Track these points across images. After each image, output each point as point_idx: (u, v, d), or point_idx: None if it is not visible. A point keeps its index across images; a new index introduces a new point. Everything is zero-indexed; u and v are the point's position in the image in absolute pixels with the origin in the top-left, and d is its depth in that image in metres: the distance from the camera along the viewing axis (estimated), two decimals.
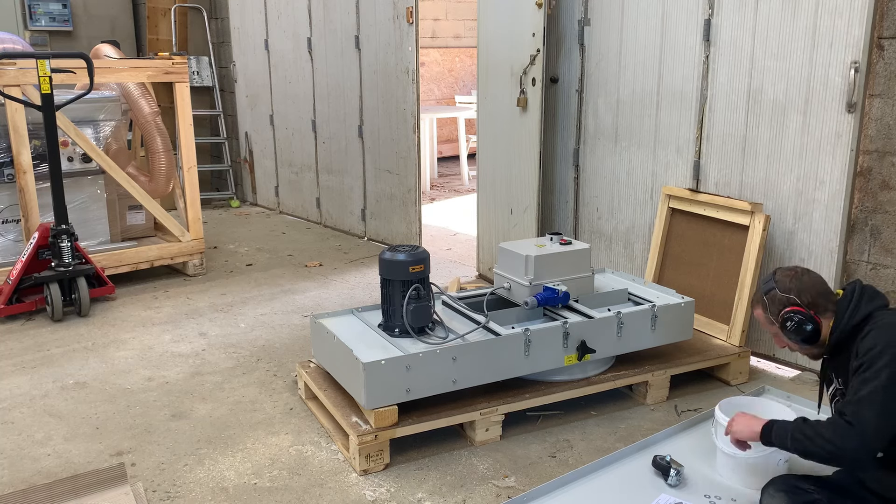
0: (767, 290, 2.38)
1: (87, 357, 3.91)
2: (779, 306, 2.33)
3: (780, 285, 2.34)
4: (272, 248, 6.09)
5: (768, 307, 2.36)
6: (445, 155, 10.28)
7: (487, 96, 4.82)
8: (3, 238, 4.80)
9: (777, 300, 2.34)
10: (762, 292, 2.39)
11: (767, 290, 2.38)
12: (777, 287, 2.34)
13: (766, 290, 2.38)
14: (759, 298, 2.41)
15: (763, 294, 2.39)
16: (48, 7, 7.34)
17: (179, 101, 5.13)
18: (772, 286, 2.37)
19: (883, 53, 3.21)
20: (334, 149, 6.48)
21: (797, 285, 2.33)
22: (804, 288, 2.32)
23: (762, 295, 2.39)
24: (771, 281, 2.38)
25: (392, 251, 3.06)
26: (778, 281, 2.36)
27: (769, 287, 2.38)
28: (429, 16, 10.40)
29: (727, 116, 3.77)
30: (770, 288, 2.37)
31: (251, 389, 3.54)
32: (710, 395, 3.42)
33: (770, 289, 2.37)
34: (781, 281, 2.35)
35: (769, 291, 2.37)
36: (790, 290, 2.33)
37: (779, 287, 2.34)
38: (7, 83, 4.40)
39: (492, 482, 2.77)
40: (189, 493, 2.72)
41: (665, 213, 4.03)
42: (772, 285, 2.37)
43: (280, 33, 6.87)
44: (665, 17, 3.96)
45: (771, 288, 2.36)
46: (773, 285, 2.36)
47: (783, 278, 2.35)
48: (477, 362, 2.98)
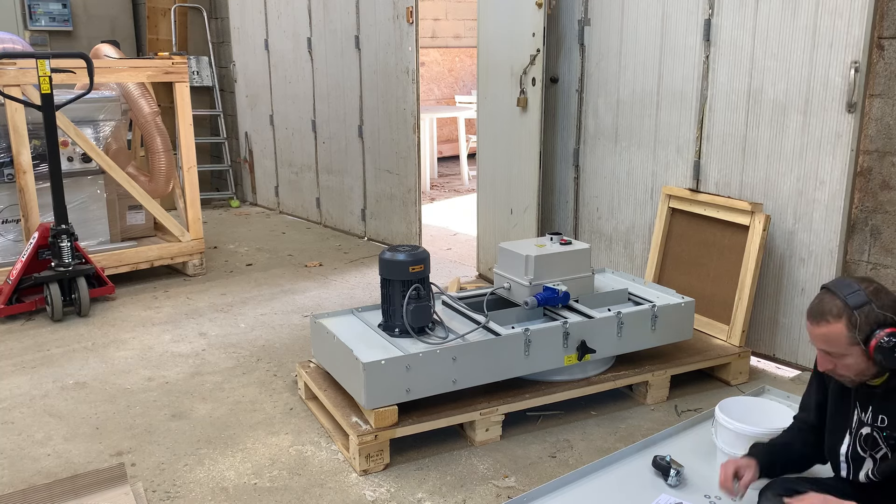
0: (860, 303, 2.02)
1: (87, 357, 3.91)
2: (874, 325, 2.00)
3: (880, 301, 2.02)
4: (272, 248, 6.09)
5: (859, 325, 2.01)
6: (445, 155, 10.28)
7: (487, 96, 4.82)
8: (3, 238, 4.80)
9: (873, 318, 2.00)
10: (852, 305, 2.03)
11: (860, 304, 2.02)
12: (874, 303, 2.02)
13: (859, 303, 2.03)
14: (843, 312, 2.04)
15: (854, 308, 2.03)
16: (48, 7, 7.34)
17: (179, 101, 5.13)
18: (866, 300, 2.02)
19: (883, 53, 3.21)
20: (334, 149, 6.49)
21: (891, 302, 2.04)
22: None
23: (851, 309, 2.03)
24: (861, 293, 2.04)
25: (392, 251, 3.06)
26: (872, 295, 2.03)
27: (863, 300, 2.03)
28: (429, 16, 10.40)
29: (727, 116, 3.77)
30: (864, 302, 2.02)
31: (251, 389, 3.54)
32: (710, 395, 3.42)
33: (864, 303, 2.02)
34: (878, 296, 2.03)
35: (863, 306, 2.02)
36: (889, 308, 2.02)
37: (877, 303, 2.02)
38: (7, 83, 4.40)
39: (492, 482, 2.77)
40: (189, 493, 2.72)
41: (665, 213, 4.03)
42: (866, 298, 2.03)
43: (280, 33, 6.87)
44: (665, 17, 3.97)
45: (865, 302, 2.02)
46: (866, 298, 2.02)
47: (878, 294, 2.04)
48: (477, 362, 2.98)
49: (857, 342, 2.01)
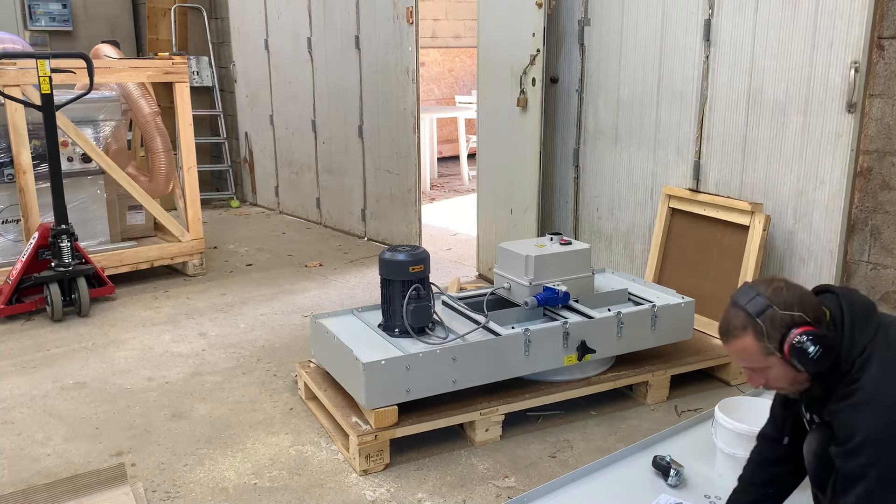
0: (760, 309, 1.81)
1: (87, 357, 3.91)
2: (782, 329, 1.80)
3: (778, 300, 1.81)
4: (272, 248, 6.09)
5: (766, 333, 1.81)
6: (445, 155, 10.27)
7: (487, 96, 4.82)
8: (3, 238, 4.80)
9: (779, 321, 1.80)
10: (753, 314, 1.82)
11: (761, 310, 1.81)
12: (773, 304, 1.80)
13: (759, 309, 1.81)
14: (747, 323, 1.83)
15: (754, 316, 1.81)
16: (48, 7, 7.34)
17: (179, 101, 5.13)
18: (766, 304, 1.81)
19: (883, 53, 3.21)
20: (334, 149, 6.49)
21: (797, 297, 1.81)
22: (805, 300, 1.82)
23: (752, 318, 1.82)
24: (759, 297, 1.82)
25: (392, 251, 3.06)
26: (772, 296, 1.82)
27: (762, 306, 1.81)
28: (429, 16, 10.40)
29: (727, 116, 3.77)
30: (764, 307, 1.81)
31: (251, 389, 3.54)
32: (710, 395, 3.42)
33: (764, 308, 1.81)
34: (776, 296, 1.81)
35: (764, 311, 1.81)
36: (792, 306, 1.80)
37: (776, 303, 1.80)
38: (7, 83, 4.40)
39: (492, 482, 2.77)
40: (189, 493, 2.72)
41: (665, 213, 4.03)
42: (765, 303, 1.81)
43: (280, 33, 6.87)
44: (665, 17, 3.97)
45: (765, 307, 1.81)
46: (766, 302, 1.81)
47: (777, 292, 1.82)
48: (477, 362, 2.98)
49: (771, 352, 1.82)
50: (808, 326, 1.78)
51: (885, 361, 1.78)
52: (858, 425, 1.75)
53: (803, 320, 1.79)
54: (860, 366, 1.80)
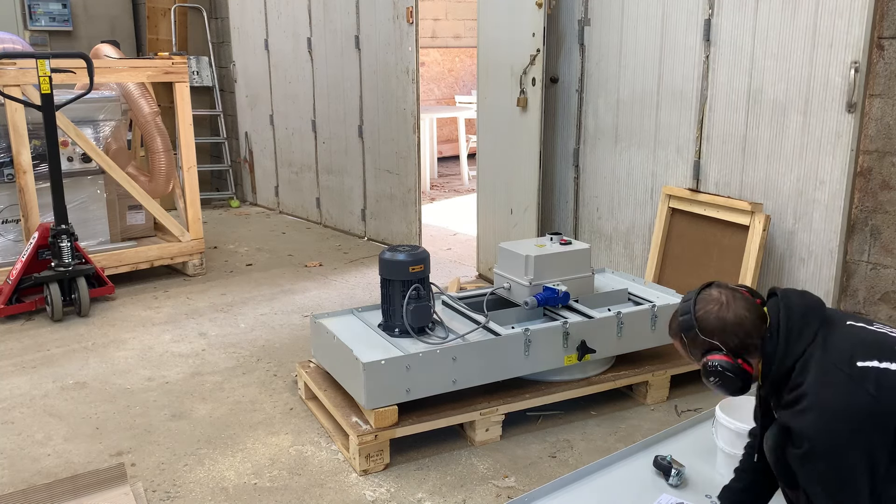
0: (686, 327, 1.97)
1: (87, 357, 3.91)
2: (700, 349, 1.97)
3: (703, 325, 1.94)
4: (272, 248, 6.09)
5: (687, 346, 2.00)
6: (445, 155, 10.27)
7: (487, 96, 4.82)
8: (3, 238, 4.80)
9: (698, 343, 1.96)
10: (679, 328, 1.99)
11: (686, 328, 1.97)
12: (698, 327, 1.94)
13: (685, 327, 1.97)
14: (676, 333, 2.01)
15: (681, 331, 1.99)
16: (48, 7, 7.34)
17: (179, 101, 5.13)
18: (691, 324, 1.95)
19: (883, 53, 3.21)
20: (334, 149, 6.48)
21: (721, 325, 1.93)
22: (730, 328, 1.92)
23: (679, 331, 1.99)
24: (690, 315, 1.96)
25: (392, 251, 3.06)
26: (700, 319, 1.95)
27: (688, 324, 1.96)
28: (429, 16, 10.39)
29: (727, 116, 3.77)
30: (689, 326, 1.96)
31: (251, 389, 3.54)
32: (710, 395, 3.42)
33: (689, 327, 1.96)
34: (705, 319, 1.94)
35: (688, 330, 1.96)
36: (713, 333, 1.93)
37: (700, 327, 1.94)
38: (7, 83, 4.40)
39: (492, 482, 2.77)
40: (189, 493, 2.72)
41: (665, 213, 4.03)
42: (691, 322, 1.95)
43: (280, 33, 6.87)
44: (665, 17, 3.97)
45: (690, 326, 1.96)
46: (692, 323, 1.95)
47: (707, 315, 1.94)
48: (477, 362, 2.98)
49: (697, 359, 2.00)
50: (720, 356, 1.93)
51: (821, 365, 1.82)
52: (805, 433, 1.79)
53: (717, 349, 1.93)
54: (800, 370, 1.84)
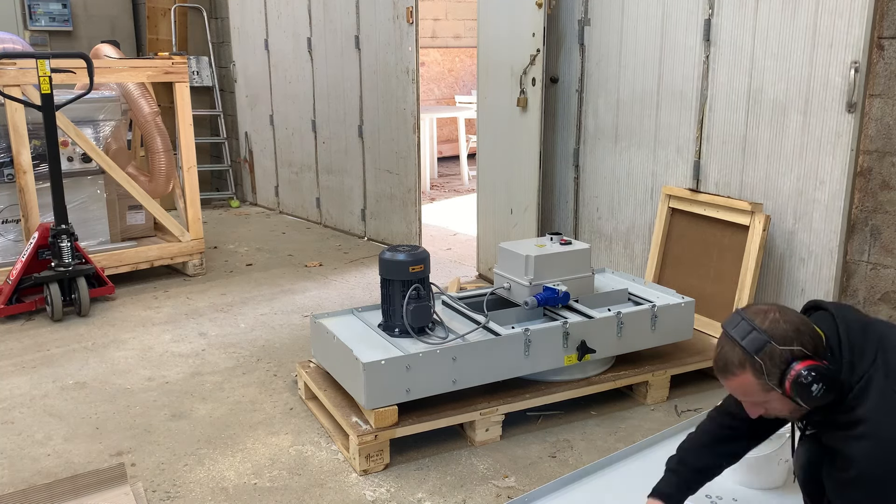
0: (758, 346, 1.74)
1: (87, 357, 3.91)
2: (779, 366, 1.73)
3: (776, 334, 1.74)
4: (272, 248, 6.09)
5: (766, 370, 1.74)
6: (445, 155, 10.27)
7: (487, 96, 4.82)
8: (3, 238, 4.80)
9: (776, 358, 1.73)
10: (751, 351, 1.75)
11: (758, 347, 1.74)
12: (772, 338, 1.74)
13: (756, 346, 1.74)
14: (745, 361, 1.76)
15: (752, 354, 1.74)
16: (48, 7, 7.34)
17: (179, 101, 5.13)
18: (764, 340, 1.74)
19: (883, 53, 3.21)
20: (334, 149, 6.49)
21: (794, 328, 1.75)
22: (803, 328, 1.76)
23: (751, 356, 1.74)
24: (756, 332, 1.75)
25: (392, 251, 3.06)
26: (770, 330, 1.74)
27: (760, 342, 1.74)
28: (429, 16, 10.40)
29: (727, 116, 3.77)
30: (762, 343, 1.74)
31: (251, 389, 3.54)
32: (710, 395, 3.42)
33: (762, 344, 1.74)
34: (775, 328, 1.74)
35: (762, 348, 1.74)
36: (791, 340, 1.73)
37: (774, 338, 1.74)
38: (7, 83, 4.40)
39: (492, 482, 2.77)
40: (189, 493, 2.72)
41: (665, 213, 4.03)
42: (763, 338, 1.74)
43: (280, 33, 6.87)
44: (665, 17, 3.97)
45: (764, 342, 1.74)
46: (764, 338, 1.74)
47: (775, 324, 1.75)
48: (477, 362, 2.98)
49: (771, 388, 1.77)
50: (808, 360, 1.73)
51: (884, 392, 1.73)
52: (855, 458, 1.72)
53: (803, 354, 1.73)
54: (858, 393, 1.76)
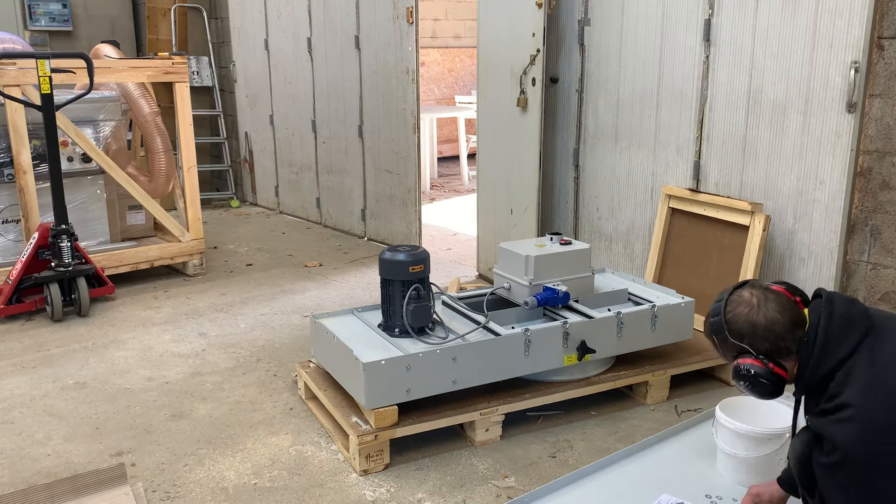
0: (716, 328, 1.97)
1: (87, 357, 3.91)
2: (731, 352, 1.96)
3: (732, 327, 1.93)
4: (272, 248, 6.09)
5: (719, 347, 2.00)
6: (445, 155, 10.28)
7: (487, 96, 4.82)
8: (3, 238, 4.80)
9: (728, 346, 1.96)
10: (710, 330, 2.00)
11: (716, 330, 1.96)
12: (728, 329, 1.94)
13: (715, 328, 1.97)
14: (708, 334, 2.02)
15: (711, 332, 1.99)
16: (48, 7, 7.34)
17: (179, 101, 5.13)
18: (721, 325, 1.95)
19: (883, 53, 3.21)
20: (334, 149, 6.49)
21: (751, 328, 1.91)
22: (760, 331, 1.91)
23: (710, 333, 2.00)
24: (720, 318, 1.95)
25: (392, 251, 3.06)
26: (729, 321, 1.94)
27: (718, 325, 1.96)
28: (429, 16, 10.40)
29: (727, 116, 3.77)
30: (719, 327, 1.95)
31: (251, 389, 3.54)
32: (710, 395, 3.42)
33: (718, 328, 1.95)
34: (734, 321, 1.93)
35: (718, 332, 1.96)
36: (743, 336, 1.92)
37: (730, 329, 1.93)
38: (7, 83, 4.40)
39: (492, 482, 2.77)
40: (189, 493, 2.72)
41: (665, 213, 4.03)
42: (721, 324, 1.95)
43: (280, 33, 6.87)
44: (665, 17, 3.97)
45: (720, 327, 1.95)
46: (721, 325, 1.95)
47: (736, 316, 1.93)
48: (477, 362, 2.98)
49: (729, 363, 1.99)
50: (750, 359, 1.91)
51: (868, 377, 1.78)
52: (840, 441, 1.77)
53: (747, 352, 1.92)
54: (841, 380, 1.82)
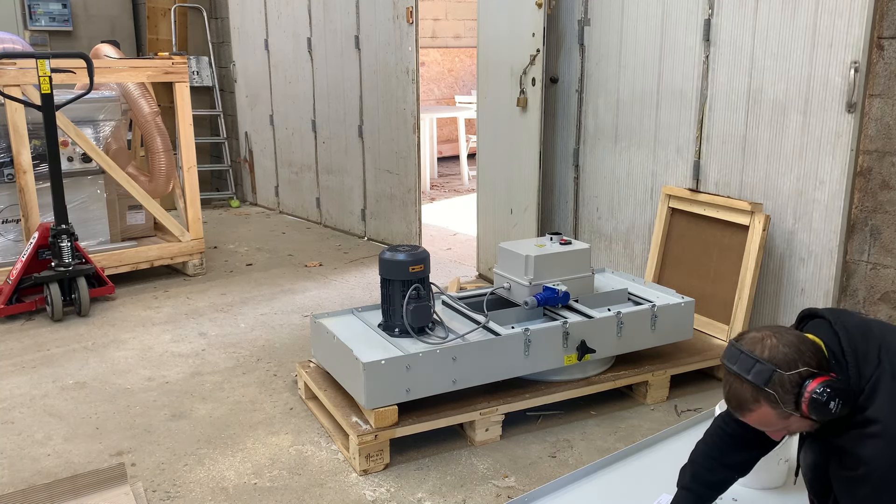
0: (765, 377, 1.75)
1: (87, 357, 3.91)
2: (792, 391, 1.75)
3: (779, 361, 1.76)
4: (272, 248, 6.09)
5: (780, 398, 1.75)
6: (445, 155, 10.27)
7: (487, 96, 4.82)
8: (3, 238, 4.80)
9: (787, 383, 1.75)
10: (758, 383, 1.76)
11: (766, 378, 1.75)
12: (778, 367, 1.75)
13: (764, 378, 1.75)
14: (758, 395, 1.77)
15: (762, 385, 1.76)
16: (48, 7, 7.34)
17: (179, 101, 5.13)
18: (770, 369, 1.75)
19: (883, 53, 3.21)
20: (334, 149, 6.49)
21: (795, 350, 1.77)
22: (804, 348, 1.78)
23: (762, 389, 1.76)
24: (760, 364, 1.76)
25: (392, 251, 3.06)
26: (771, 358, 1.76)
27: (766, 372, 1.75)
28: (429, 16, 10.40)
29: (727, 116, 3.77)
30: (768, 373, 1.75)
31: (251, 389, 3.54)
32: (710, 395, 3.42)
33: (769, 374, 1.75)
34: (775, 357, 1.76)
35: (769, 378, 1.75)
36: (795, 362, 1.75)
37: (779, 363, 1.75)
38: (7, 83, 4.40)
39: (492, 482, 2.77)
40: (189, 493, 2.72)
41: (665, 213, 4.03)
42: (769, 368, 1.75)
43: (280, 33, 6.87)
44: (665, 17, 3.97)
45: (770, 372, 1.75)
46: (770, 367, 1.75)
47: (773, 350, 1.77)
48: (477, 362, 2.98)
49: (789, 414, 1.79)
50: (817, 378, 1.74)
51: (893, 393, 1.75)
52: (866, 456, 1.74)
53: (810, 373, 1.75)
54: (868, 393, 1.77)
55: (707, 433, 2.18)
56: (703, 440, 2.17)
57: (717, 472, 2.12)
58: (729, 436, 2.10)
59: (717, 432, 2.14)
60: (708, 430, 2.19)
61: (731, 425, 2.10)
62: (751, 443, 2.08)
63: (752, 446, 2.09)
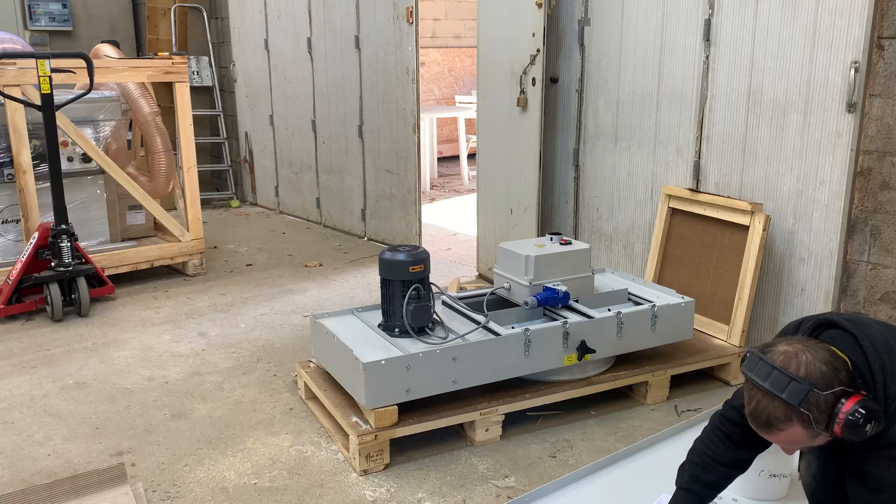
0: (801, 396, 1.67)
1: (87, 357, 3.91)
2: (826, 410, 1.68)
3: (816, 379, 1.68)
4: (272, 248, 6.09)
5: (814, 418, 1.69)
6: (445, 155, 10.27)
7: (487, 96, 4.82)
8: (3, 238, 4.80)
9: (822, 403, 1.68)
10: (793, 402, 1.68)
11: (802, 397, 1.67)
12: (815, 386, 1.68)
13: (799, 397, 1.67)
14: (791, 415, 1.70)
15: (797, 406, 1.68)
16: (48, 7, 7.34)
17: (179, 101, 5.13)
18: (806, 389, 1.67)
19: (883, 53, 3.21)
20: (334, 149, 6.49)
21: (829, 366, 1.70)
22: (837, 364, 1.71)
23: (796, 409, 1.69)
24: (795, 381, 1.68)
25: (392, 251, 3.06)
26: (808, 375, 1.69)
27: (803, 392, 1.67)
28: (429, 16, 10.40)
29: (727, 116, 3.77)
30: (804, 393, 1.67)
31: (251, 389, 3.54)
32: (710, 395, 3.42)
33: (804, 394, 1.67)
34: (812, 374, 1.69)
35: (805, 397, 1.67)
36: (832, 381, 1.68)
37: (816, 384, 1.68)
38: (7, 83, 4.40)
39: (492, 482, 2.77)
40: (189, 493, 2.72)
41: (665, 213, 4.03)
42: (805, 388, 1.67)
43: (280, 33, 6.87)
44: (665, 17, 3.97)
45: (806, 392, 1.67)
46: (807, 387, 1.67)
47: (810, 367, 1.70)
48: (477, 362, 2.98)
49: (819, 433, 1.73)
50: (851, 399, 1.68)
51: None
52: (890, 481, 1.72)
53: (845, 393, 1.68)
54: (892, 414, 1.73)
55: (704, 432, 2.19)
56: (701, 439, 2.18)
57: (715, 471, 2.12)
58: (726, 436, 2.11)
59: (715, 432, 2.14)
60: (705, 429, 2.20)
61: (728, 425, 2.11)
62: (748, 442, 2.08)
63: (749, 446, 2.09)
